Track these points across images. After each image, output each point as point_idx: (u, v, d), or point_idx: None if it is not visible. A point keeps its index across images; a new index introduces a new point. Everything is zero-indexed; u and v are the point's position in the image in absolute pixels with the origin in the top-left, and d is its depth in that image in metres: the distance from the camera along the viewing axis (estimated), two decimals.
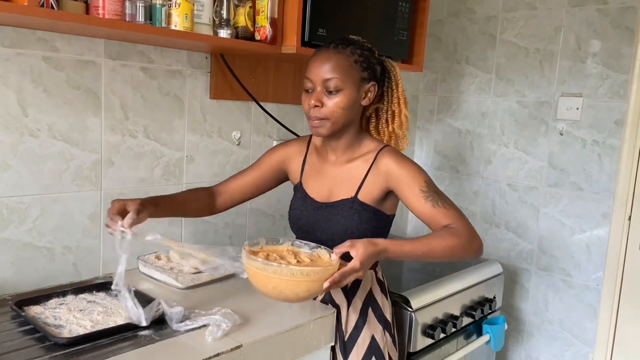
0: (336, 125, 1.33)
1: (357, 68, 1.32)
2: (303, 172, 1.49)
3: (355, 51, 1.32)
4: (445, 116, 2.68)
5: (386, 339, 1.43)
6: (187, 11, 1.38)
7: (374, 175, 1.36)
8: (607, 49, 2.17)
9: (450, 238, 1.26)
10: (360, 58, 1.32)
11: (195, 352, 1.13)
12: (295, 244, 1.29)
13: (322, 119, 1.31)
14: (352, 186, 1.37)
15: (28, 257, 1.45)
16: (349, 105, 1.32)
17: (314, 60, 1.33)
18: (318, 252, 1.26)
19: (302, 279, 1.11)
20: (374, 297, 1.45)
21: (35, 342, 1.14)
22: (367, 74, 1.34)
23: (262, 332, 1.24)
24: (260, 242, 1.27)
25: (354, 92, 1.32)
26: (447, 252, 1.26)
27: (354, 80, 1.31)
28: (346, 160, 1.41)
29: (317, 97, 1.30)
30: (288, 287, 1.12)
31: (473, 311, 1.96)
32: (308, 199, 1.44)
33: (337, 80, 1.29)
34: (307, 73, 1.33)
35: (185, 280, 1.48)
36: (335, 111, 1.30)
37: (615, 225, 2.18)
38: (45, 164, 1.45)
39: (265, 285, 1.15)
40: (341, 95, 1.30)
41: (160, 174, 1.71)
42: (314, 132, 1.36)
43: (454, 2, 2.59)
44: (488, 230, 2.55)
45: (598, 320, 2.25)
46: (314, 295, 1.18)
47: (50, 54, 1.42)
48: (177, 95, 1.72)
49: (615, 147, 2.17)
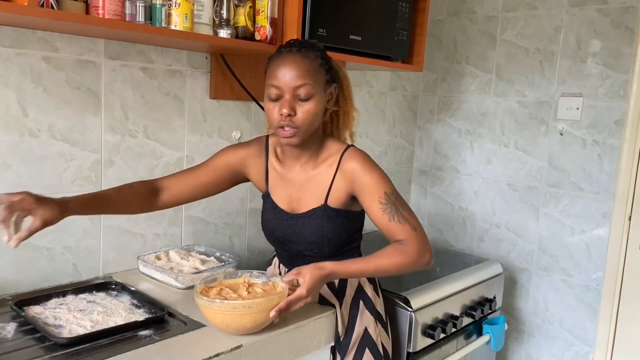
0: (307, 133, 1.29)
1: (322, 71, 1.28)
2: (268, 181, 1.45)
3: (317, 54, 1.28)
4: (445, 116, 2.68)
5: (379, 329, 1.45)
6: (187, 11, 1.38)
7: (339, 180, 1.34)
8: (607, 49, 2.17)
9: (399, 256, 1.28)
10: (323, 61, 1.29)
11: (195, 352, 1.13)
12: (253, 274, 1.35)
13: (294, 127, 1.26)
14: (321, 193, 1.36)
15: (28, 257, 1.45)
16: (320, 111, 1.29)
17: (281, 66, 1.25)
18: (273, 282, 1.31)
19: (244, 311, 1.17)
20: (364, 292, 1.46)
21: (35, 342, 1.14)
22: (330, 76, 1.31)
23: (262, 332, 1.24)
24: (218, 277, 1.33)
25: (323, 96, 1.29)
26: (394, 270, 1.29)
27: (320, 85, 1.28)
28: (311, 167, 1.38)
29: (290, 105, 1.24)
30: (233, 320, 1.18)
31: (473, 311, 1.96)
32: (278, 210, 1.42)
33: (309, 86, 1.24)
34: (273, 80, 1.25)
35: (185, 280, 1.48)
36: (307, 119, 1.26)
37: (615, 225, 2.18)
38: (45, 164, 1.45)
39: (214, 320, 1.21)
40: (313, 102, 1.26)
41: (160, 173, 1.71)
42: (286, 142, 1.29)
43: (454, 2, 2.59)
44: (488, 230, 2.55)
45: (598, 321, 2.25)
46: (262, 325, 1.22)
47: (50, 54, 1.42)
48: (177, 95, 1.72)
49: (615, 147, 2.17)
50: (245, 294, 1.25)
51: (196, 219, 1.83)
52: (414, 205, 2.83)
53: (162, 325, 1.26)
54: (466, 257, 2.33)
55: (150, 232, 1.71)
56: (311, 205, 1.37)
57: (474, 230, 2.60)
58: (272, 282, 1.32)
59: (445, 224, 2.72)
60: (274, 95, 1.26)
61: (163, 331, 1.23)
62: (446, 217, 2.71)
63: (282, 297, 1.22)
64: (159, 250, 1.66)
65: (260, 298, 1.20)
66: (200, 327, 1.26)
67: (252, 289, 1.29)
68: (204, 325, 1.26)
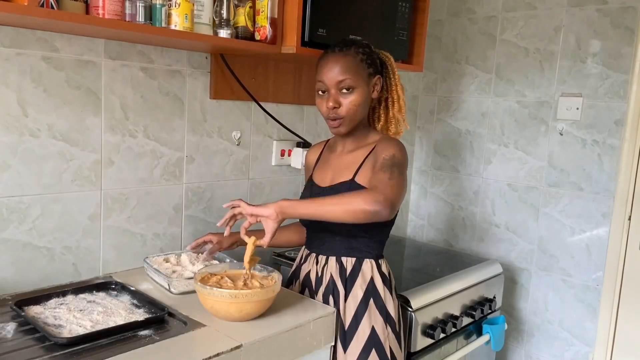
0: (353, 121, 1.44)
1: (363, 66, 1.43)
2: (315, 166, 1.61)
3: (358, 50, 1.43)
4: (445, 116, 2.68)
5: (388, 332, 1.44)
6: (187, 11, 1.38)
7: (370, 160, 1.44)
8: (607, 49, 2.17)
9: (357, 200, 1.26)
10: (364, 56, 1.43)
11: (195, 352, 1.13)
12: (256, 267, 1.43)
13: (340, 118, 1.42)
14: (351, 170, 1.46)
15: (28, 257, 1.45)
16: (363, 101, 1.44)
17: (324, 64, 1.42)
18: (273, 275, 1.39)
19: (231, 300, 1.25)
20: (375, 288, 1.46)
21: (35, 342, 1.14)
22: (372, 69, 1.45)
23: (262, 332, 1.25)
24: (224, 266, 1.45)
25: (365, 88, 1.43)
26: (349, 214, 1.27)
27: (363, 77, 1.42)
28: (351, 150, 1.50)
29: (334, 98, 1.41)
30: (222, 307, 1.27)
31: (473, 311, 1.96)
32: (312, 185, 1.55)
33: (350, 80, 1.40)
34: (319, 76, 1.43)
35: (180, 285, 1.45)
36: (351, 109, 1.42)
37: (615, 225, 2.18)
38: (45, 164, 1.45)
39: (205, 305, 1.30)
40: (355, 94, 1.41)
41: (160, 174, 1.71)
42: (335, 131, 1.47)
43: (454, 2, 2.59)
44: (488, 230, 2.55)
45: (598, 320, 2.25)
46: (251, 316, 1.29)
47: (50, 54, 1.42)
48: (177, 95, 1.72)
49: (615, 147, 2.17)
50: (241, 285, 1.33)
51: (196, 218, 1.83)
52: (414, 205, 2.83)
53: (162, 325, 1.26)
54: (466, 257, 2.33)
55: (150, 232, 1.71)
56: (341, 180, 1.47)
57: (474, 230, 2.60)
58: (272, 275, 1.39)
59: (445, 224, 2.72)
60: (321, 91, 1.44)
61: (163, 331, 1.23)
62: (446, 217, 2.71)
63: (269, 292, 1.29)
64: (170, 253, 1.65)
65: (248, 290, 1.28)
66: (200, 327, 1.26)
67: (249, 281, 1.36)
68: (204, 325, 1.26)
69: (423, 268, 2.20)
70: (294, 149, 2.09)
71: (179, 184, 1.77)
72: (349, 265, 1.47)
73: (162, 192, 1.72)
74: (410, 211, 2.86)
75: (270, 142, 2.04)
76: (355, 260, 1.47)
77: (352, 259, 1.47)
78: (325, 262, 1.50)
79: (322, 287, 1.49)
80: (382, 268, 1.49)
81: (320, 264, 1.51)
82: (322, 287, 1.49)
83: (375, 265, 1.47)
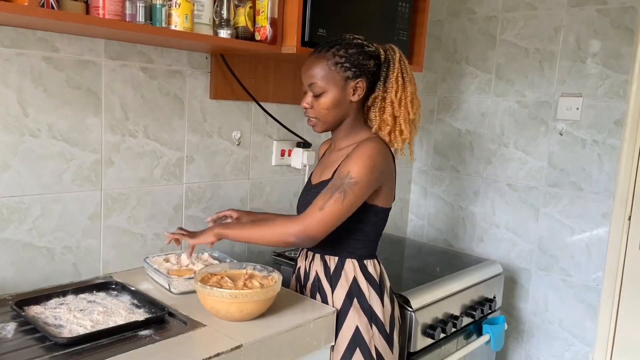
0: (326, 123, 1.45)
1: (337, 69, 1.38)
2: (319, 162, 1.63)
3: (337, 53, 1.38)
4: (445, 116, 2.68)
5: (373, 333, 1.43)
6: (187, 11, 1.38)
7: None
8: (607, 49, 2.17)
9: (279, 228, 1.35)
10: (342, 59, 1.38)
11: (195, 352, 1.13)
12: (257, 267, 1.45)
13: (313, 117, 1.44)
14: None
15: (28, 257, 1.45)
16: (334, 105, 1.41)
17: (304, 64, 1.43)
18: (273, 276, 1.40)
19: (231, 300, 1.25)
20: (359, 288, 1.45)
21: (36, 342, 1.14)
22: (352, 72, 1.39)
23: (262, 332, 1.25)
24: (224, 266, 1.46)
25: (338, 92, 1.40)
26: (273, 242, 1.37)
27: (335, 82, 1.39)
28: (340, 148, 1.50)
29: (306, 99, 1.43)
30: (222, 307, 1.27)
31: (473, 311, 1.96)
32: (307, 182, 1.58)
33: (319, 84, 1.39)
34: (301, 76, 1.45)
35: (180, 285, 1.46)
36: (320, 112, 1.42)
37: (615, 225, 2.18)
38: (45, 164, 1.45)
39: (206, 305, 1.31)
40: (324, 97, 1.40)
41: (160, 174, 1.71)
42: (313, 129, 1.48)
43: (454, 2, 2.59)
44: (488, 230, 2.56)
45: (598, 320, 2.25)
46: (251, 315, 1.30)
47: (50, 54, 1.42)
48: (177, 95, 1.72)
49: (615, 147, 2.17)
50: (241, 285, 1.33)
51: (196, 218, 1.83)
52: (414, 205, 2.83)
53: (162, 325, 1.26)
54: (466, 257, 2.33)
55: (151, 232, 1.71)
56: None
57: (474, 230, 2.60)
58: (271, 276, 1.40)
59: (445, 224, 2.72)
60: (303, 89, 1.45)
61: (163, 331, 1.23)
62: (446, 217, 2.71)
63: (269, 292, 1.29)
64: (170, 253, 1.65)
65: (248, 290, 1.29)
66: (201, 327, 1.26)
67: (250, 281, 1.36)
68: (204, 325, 1.26)
69: (423, 268, 2.20)
70: (294, 149, 2.09)
71: (179, 184, 1.77)
72: (332, 263, 1.47)
73: (162, 192, 1.73)
74: (410, 211, 2.86)
75: (271, 142, 2.04)
76: (337, 259, 1.47)
77: (335, 257, 1.47)
78: (312, 258, 1.52)
79: (309, 282, 1.51)
80: (367, 269, 1.47)
81: (308, 260, 1.54)
82: (309, 282, 1.51)
83: (358, 266, 1.46)
